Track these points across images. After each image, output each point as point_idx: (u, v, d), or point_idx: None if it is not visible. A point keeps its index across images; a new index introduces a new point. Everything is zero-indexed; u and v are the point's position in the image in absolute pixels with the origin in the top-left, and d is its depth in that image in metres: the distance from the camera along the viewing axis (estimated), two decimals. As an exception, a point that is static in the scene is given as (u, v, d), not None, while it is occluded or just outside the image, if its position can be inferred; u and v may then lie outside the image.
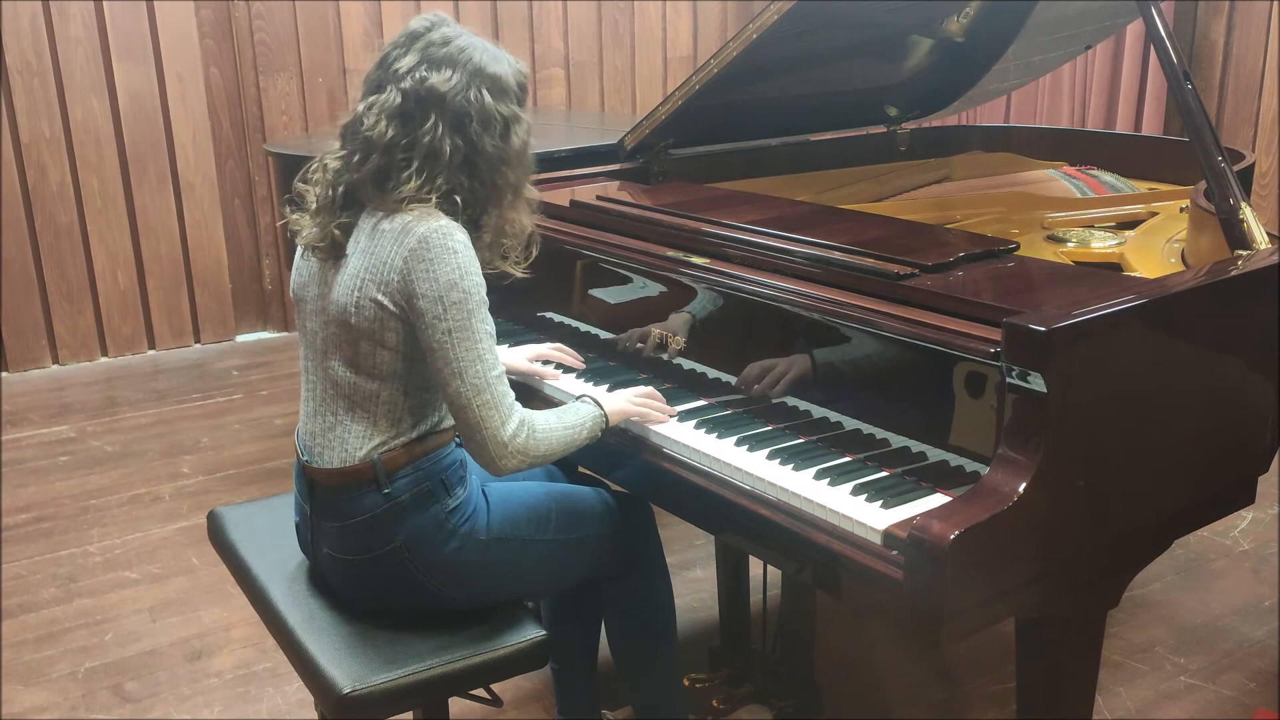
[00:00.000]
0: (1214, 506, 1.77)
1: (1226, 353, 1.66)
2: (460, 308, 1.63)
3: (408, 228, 1.64)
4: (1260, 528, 3.23)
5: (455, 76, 1.66)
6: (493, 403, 1.65)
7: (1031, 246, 2.08)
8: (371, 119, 1.66)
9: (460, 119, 1.67)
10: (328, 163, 1.74)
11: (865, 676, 2.57)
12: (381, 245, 1.66)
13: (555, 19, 5.60)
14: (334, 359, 1.73)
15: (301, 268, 1.80)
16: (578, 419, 1.78)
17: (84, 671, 2.65)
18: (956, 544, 1.32)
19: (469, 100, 1.66)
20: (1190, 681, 2.55)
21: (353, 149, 1.70)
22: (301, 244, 1.77)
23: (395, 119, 1.66)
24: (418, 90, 1.65)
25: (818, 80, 2.61)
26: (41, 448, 3.96)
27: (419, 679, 1.66)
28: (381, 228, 1.67)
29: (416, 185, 1.66)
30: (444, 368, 1.64)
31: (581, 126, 4.23)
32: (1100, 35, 3.08)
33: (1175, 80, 1.81)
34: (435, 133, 1.65)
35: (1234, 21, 4.63)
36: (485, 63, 1.68)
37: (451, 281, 1.62)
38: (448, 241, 1.63)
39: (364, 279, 1.66)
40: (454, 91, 1.65)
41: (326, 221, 1.72)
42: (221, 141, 5.02)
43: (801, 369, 1.77)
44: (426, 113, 1.66)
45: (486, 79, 1.68)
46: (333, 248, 1.72)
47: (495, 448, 1.66)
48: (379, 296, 1.65)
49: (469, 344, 1.64)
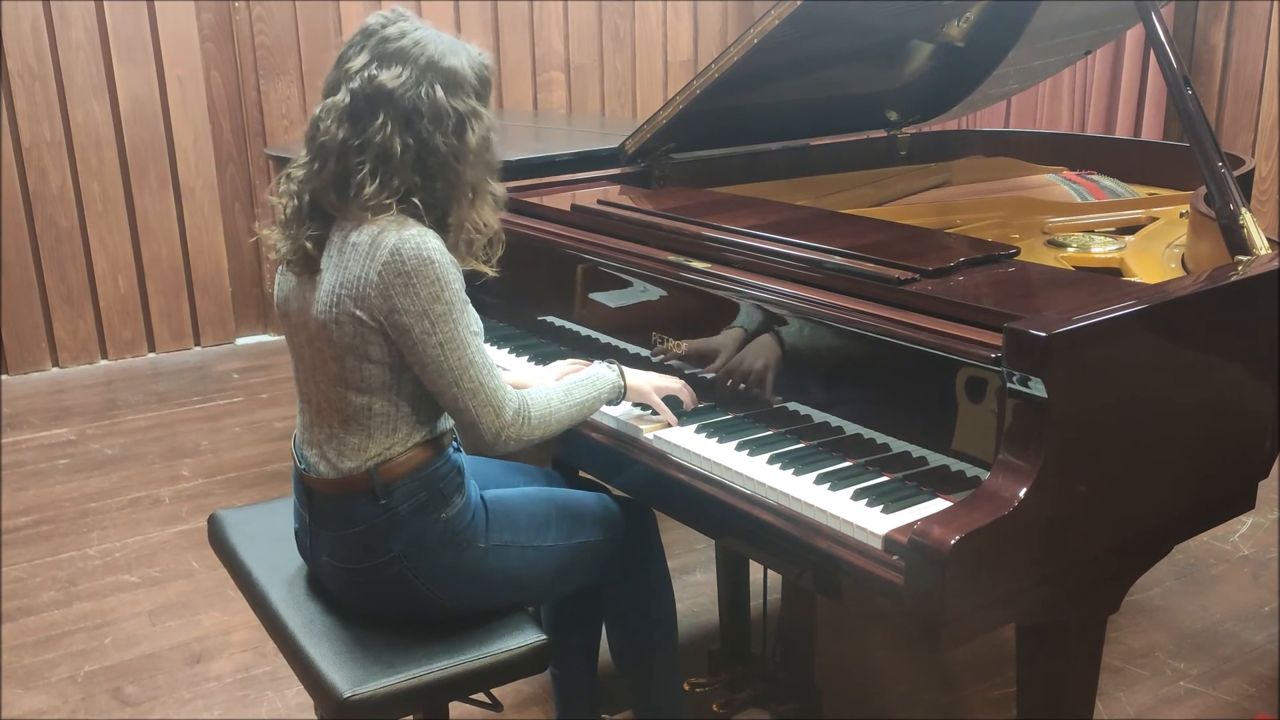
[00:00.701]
0: (1214, 511, 1.77)
1: (1226, 358, 1.67)
2: (446, 320, 1.61)
3: (377, 240, 1.60)
4: (1260, 533, 3.23)
5: (405, 72, 1.61)
6: (487, 400, 1.66)
7: (1032, 251, 2.08)
8: (326, 122, 1.63)
9: (409, 116, 1.62)
10: (292, 173, 1.70)
11: (865, 681, 2.57)
12: (354, 259, 1.62)
13: (556, 22, 5.60)
14: (322, 374, 1.71)
15: (281, 282, 1.77)
16: (590, 393, 1.78)
17: (83, 675, 2.65)
18: (957, 549, 1.32)
19: (419, 96, 1.61)
20: (1190, 686, 2.55)
21: (312, 156, 1.67)
22: (275, 258, 1.74)
23: (346, 120, 1.62)
24: (366, 89, 1.61)
25: (818, 85, 2.61)
26: (41, 450, 3.96)
27: (419, 683, 1.66)
28: (351, 240, 1.64)
29: (374, 189, 1.61)
30: (438, 379, 1.64)
31: (582, 130, 4.23)
32: (1100, 40, 3.09)
33: (1175, 85, 1.81)
34: (385, 131, 1.61)
35: (1234, 26, 4.63)
36: (439, 56, 1.63)
37: (433, 295, 1.60)
38: (422, 251, 1.59)
39: (339, 295, 1.63)
40: (402, 88, 1.61)
41: (297, 234, 1.69)
42: (222, 145, 5.02)
43: (801, 373, 1.77)
44: (375, 111, 1.61)
45: (440, 73, 1.63)
46: (306, 261, 1.69)
47: (491, 437, 1.68)
48: (357, 312, 1.62)
49: (460, 352, 1.63)
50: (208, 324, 5.11)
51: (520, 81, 5.58)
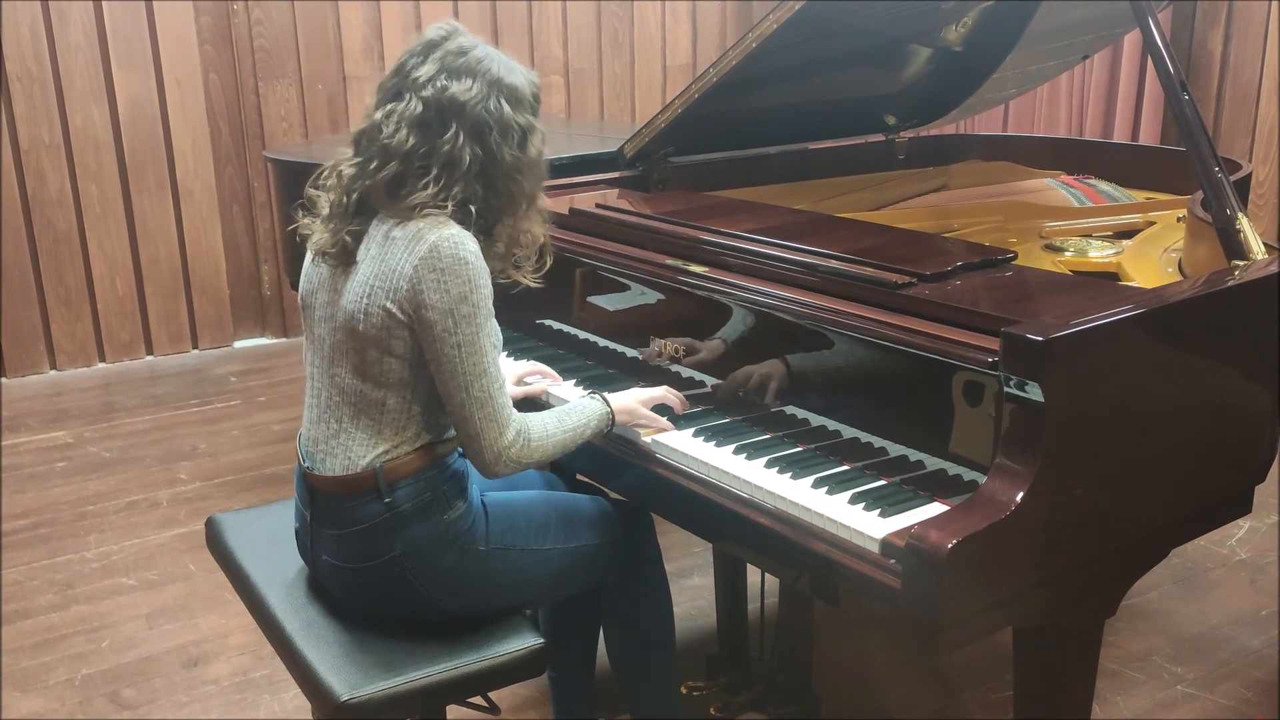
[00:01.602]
0: (1211, 516, 1.77)
1: (1223, 363, 1.67)
2: (469, 322, 1.63)
3: (419, 235, 1.64)
4: (1257, 537, 3.23)
5: (475, 86, 1.67)
6: (494, 415, 1.66)
7: (1029, 256, 2.09)
8: (391, 127, 1.67)
9: (480, 128, 1.67)
10: (342, 169, 1.74)
11: (863, 685, 2.57)
12: (392, 253, 1.66)
13: (555, 26, 5.61)
14: (340, 365, 1.73)
15: (310, 273, 1.80)
16: (580, 420, 1.78)
17: (81, 678, 2.65)
18: (954, 553, 1.32)
19: (489, 110, 1.67)
20: (1187, 691, 2.55)
21: (369, 156, 1.70)
22: (312, 249, 1.77)
23: (415, 127, 1.66)
24: (438, 99, 1.66)
25: (816, 89, 2.61)
26: (39, 453, 3.95)
27: (416, 686, 1.66)
28: (393, 235, 1.67)
29: (433, 193, 1.66)
30: (450, 380, 1.65)
31: (581, 134, 4.23)
32: (1098, 45, 3.09)
33: (1172, 90, 1.81)
34: (456, 141, 1.66)
35: (1231, 31, 4.64)
36: (502, 73, 1.70)
37: (462, 295, 1.62)
38: (459, 251, 1.63)
39: (373, 286, 1.67)
40: (474, 101, 1.66)
41: (339, 228, 1.72)
42: (220, 148, 5.02)
43: (799, 377, 1.77)
44: (447, 121, 1.66)
45: (505, 89, 1.69)
46: (344, 254, 1.72)
47: (491, 456, 1.68)
48: (388, 304, 1.65)
49: (476, 358, 1.64)
50: (206, 327, 5.11)
51: (519, 85, 5.58)
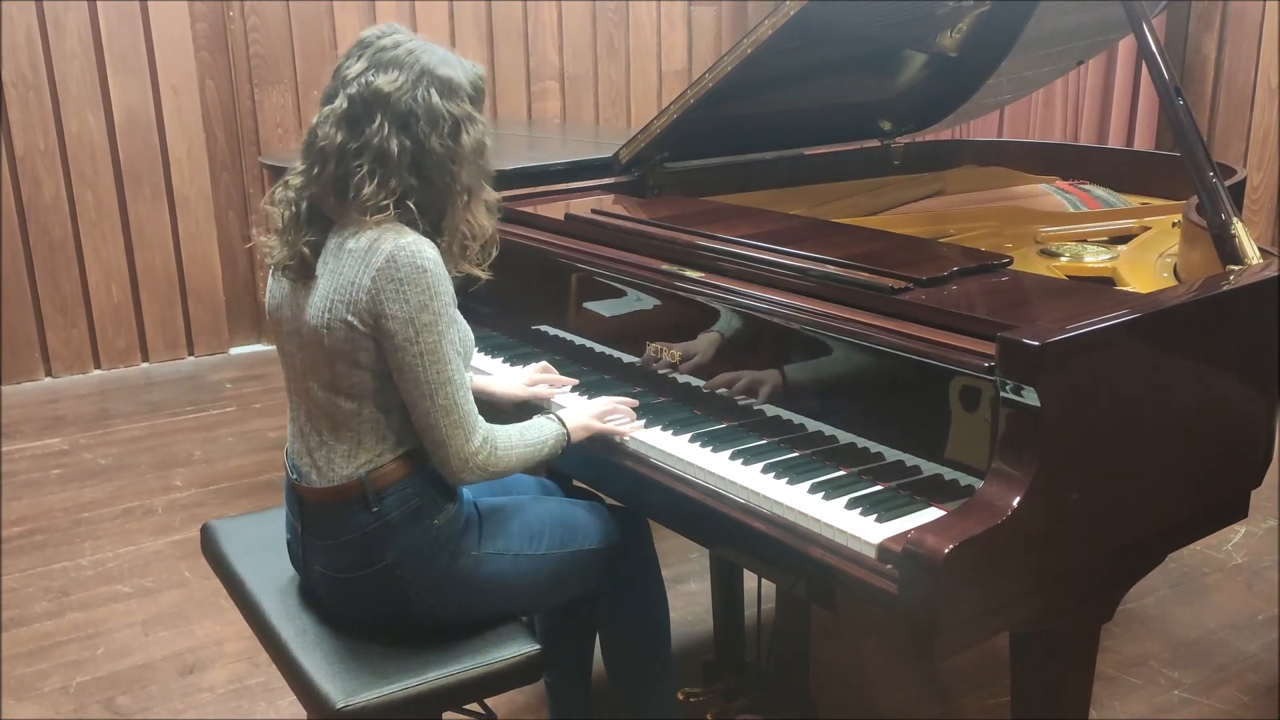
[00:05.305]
0: (1207, 520, 1.77)
1: (1219, 367, 1.67)
2: (431, 330, 1.62)
3: (375, 245, 1.63)
4: (1254, 541, 3.23)
5: (401, 76, 1.65)
6: (459, 421, 1.66)
7: (1025, 261, 2.09)
8: (326, 128, 1.66)
9: (405, 118, 1.65)
10: (290, 180, 1.73)
11: (859, 690, 2.56)
12: (349, 265, 1.65)
13: (550, 32, 5.61)
14: (312, 380, 1.72)
15: (274, 289, 1.79)
16: (539, 436, 1.78)
17: (76, 685, 2.64)
18: (951, 558, 1.32)
19: (415, 99, 1.65)
20: (1184, 696, 2.55)
21: (310, 162, 1.69)
22: (272, 265, 1.76)
23: (343, 124, 1.65)
24: (363, 93, 1.64)
25: (812, 94, 2.62)
26: (34, 460, 3.95)
27: (412, 693, 1.65)
28: (348, 246, 1.66)
29: (372, 190, 1.64)
30: (414, 389, 1.65)
31: (576, 139, 4.23)
32: (1092, 51, 3.10)
33: (1167, 95, 1.82)
34: (382, 133, 1.64)
35: (1225, 36, 4.65)
36: (434, 64, 1.67)
37: (422, 303, 1.61)
38: (417, 260, 1.61)
39: (333, 300, 1.65)
40: (399, 91, 1.64)
41: (295, 240, 1.71)
42: (216, 154, 5.02)
43: (795, 382, 1.77)
44: (373, 113, 1.64)
45: (435, 79, 1.66)
46: (303, 267, 1.70)
47: (458, 463, 1.67)
48: (349, 317, 1.64)
49: (439, 366, 1.64)
50: (201, 333, 5.10)
51: (514, 91, 5.59)
